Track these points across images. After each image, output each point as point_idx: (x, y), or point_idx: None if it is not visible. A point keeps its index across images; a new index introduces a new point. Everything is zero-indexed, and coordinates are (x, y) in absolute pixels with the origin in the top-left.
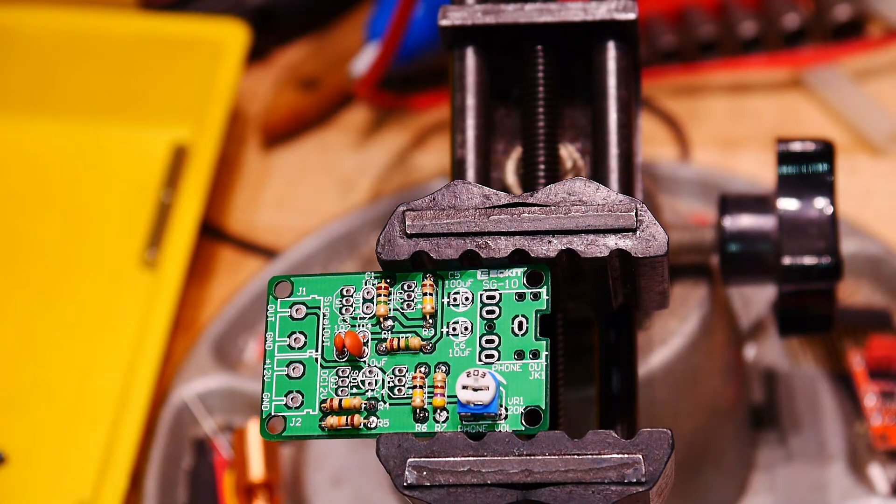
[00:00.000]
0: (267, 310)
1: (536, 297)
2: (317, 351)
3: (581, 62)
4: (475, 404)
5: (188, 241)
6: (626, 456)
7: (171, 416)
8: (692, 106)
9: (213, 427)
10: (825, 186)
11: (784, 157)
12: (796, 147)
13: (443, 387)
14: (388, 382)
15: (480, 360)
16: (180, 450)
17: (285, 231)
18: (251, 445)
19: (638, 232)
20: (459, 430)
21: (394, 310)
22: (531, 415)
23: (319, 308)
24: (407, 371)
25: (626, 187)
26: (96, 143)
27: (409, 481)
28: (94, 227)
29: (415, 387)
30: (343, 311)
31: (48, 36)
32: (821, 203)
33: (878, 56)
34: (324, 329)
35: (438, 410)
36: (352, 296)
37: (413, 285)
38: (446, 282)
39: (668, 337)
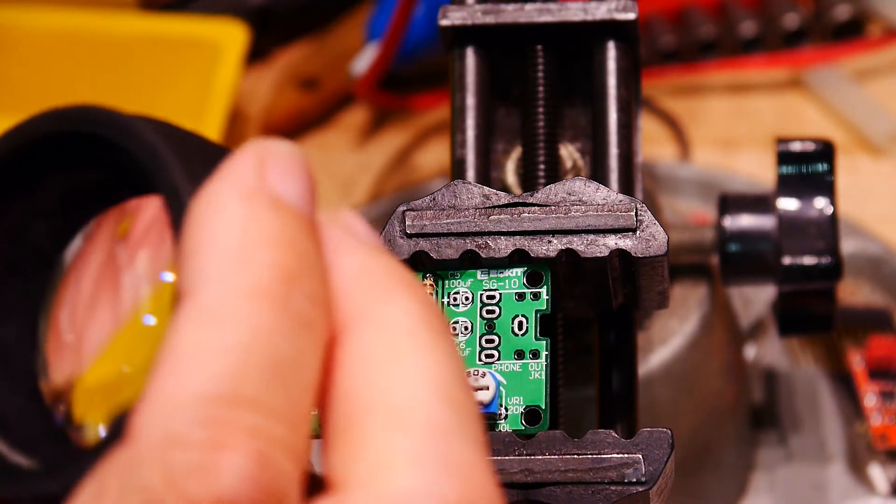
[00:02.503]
0: None
1: (536, 296)
2: None
3: (581, 62)
4: None
5: None
6: (626, 456)
7: None
8: (692, 106)
9: None
10: (825, 186)
11: (784, 157)
12: (796, 147)
13: None
14: None
15: (480, 359)
16: None
17: None
18: None
19: (638, 232)
20: None
21: None
22: (531, 415)
23: None
24: None
25: (626, 187)
26: None
27: None
28: None
29: None
30: None
31: (48, 36)
32: (821, 203)
33: (878, 56)
34: None
35: None
36: None
37: None
38: (446, 282)
39: (668, 337)
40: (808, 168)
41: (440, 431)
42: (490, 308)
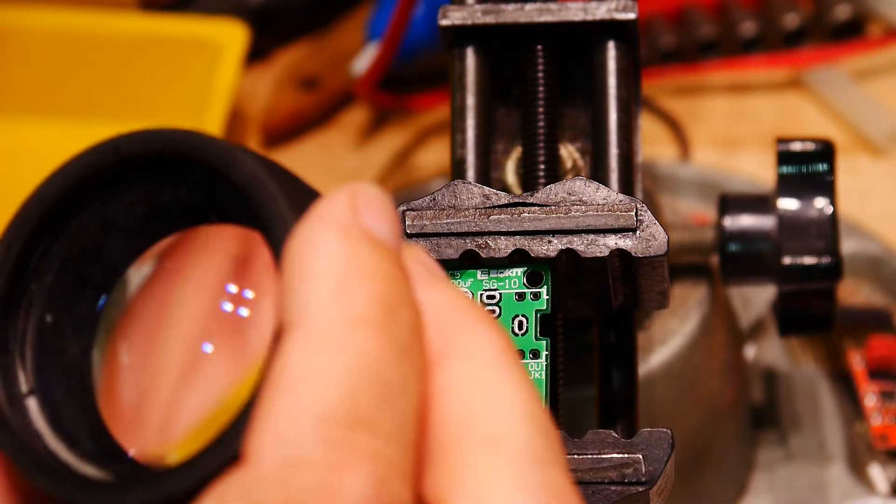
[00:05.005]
0: None
1: (536, 296)
2: None
3: (581, 62)
4: None
5: None
6: (626, 456)
7: None
8: (692, 106)
9: None
10: (825, 186)
11: (784, 157)
12: (796, 147)
13: None
14: None
15: None
16: None
17: None
18: None
19: (638, 232)
20: None
21: None
22: None
23: None
24: None
25: (626, 187)
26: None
27: None
28: None
29: None
30: None
31: (48, 36)
32: (821, 203)
33: (878, 56)
34: None
35: None
36: None
37: None
38: None
39: (668, 337)
40: (808, 168)
41: (537, 458)
42: (490, 308)
